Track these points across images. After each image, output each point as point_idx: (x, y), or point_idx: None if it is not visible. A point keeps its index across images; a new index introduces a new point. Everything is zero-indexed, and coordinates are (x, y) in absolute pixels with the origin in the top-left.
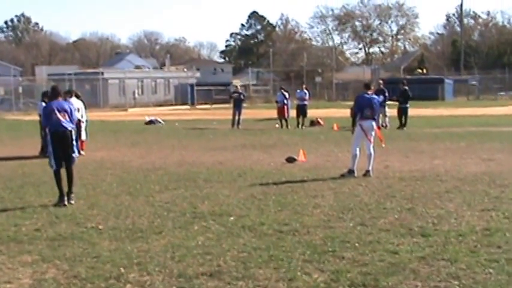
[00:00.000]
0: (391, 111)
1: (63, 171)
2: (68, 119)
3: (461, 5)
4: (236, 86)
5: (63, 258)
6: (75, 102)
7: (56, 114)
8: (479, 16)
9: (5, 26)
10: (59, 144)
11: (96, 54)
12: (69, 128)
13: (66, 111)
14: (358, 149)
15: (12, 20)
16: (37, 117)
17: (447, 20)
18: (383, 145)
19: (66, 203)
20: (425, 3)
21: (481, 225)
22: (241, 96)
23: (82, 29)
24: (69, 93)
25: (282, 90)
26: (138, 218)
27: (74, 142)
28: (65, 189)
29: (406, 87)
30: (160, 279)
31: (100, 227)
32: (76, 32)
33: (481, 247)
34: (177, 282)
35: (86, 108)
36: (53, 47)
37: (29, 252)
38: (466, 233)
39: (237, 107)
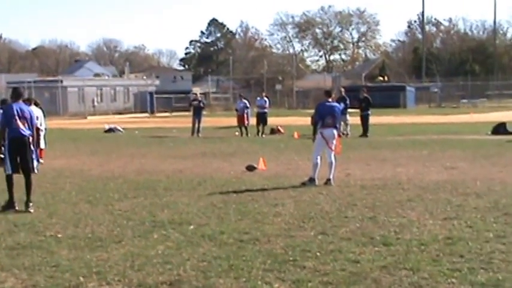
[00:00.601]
0: (353, 119)
1: (16, 177)
2: (27, 126)
3: (423, 12)
4: (196, 94)
5: (21, 267)
6: (34, 110)
7: (16, 120)
8: (441, 23)
9: None
10: (16, 151)
11: (55, 61)
12: (28, 135)
13: (26, 118)
14: (319, 157)
15: None
16: None
17: (409, 27)
18: (338, 155)
19: (17, 208)
20: (386, 10)
21: (443, 234)
22: (201, 104)
23: (41, 37)
24: (28, 101)
25: (242, 98)
26: (97, 226)
27: (33, 149)
28: (24, 197)
29: (366, 95)
30: None
31: (59, 235)
32: (35, 40)
33: (443, 256)
34: None
35: (45, 116)
36: (12, 54)
37: None
38: (428, 242)
39: (197, 114)
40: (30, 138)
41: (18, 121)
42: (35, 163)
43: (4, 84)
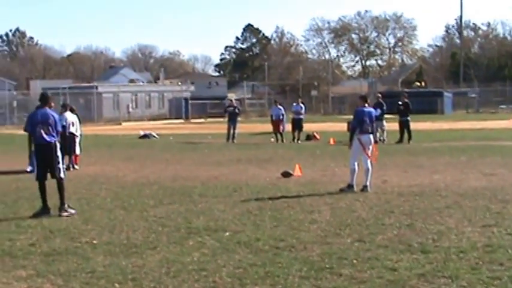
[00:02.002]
0: (389, 125)
1: (47, 183)
2: (50, 132)
3: (461, 16)
4: (231, 100)
5: (57, 273)
6: (70, 117)
7: (39, 127)
8: (479, 28)
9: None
10: (42, 157)
11: (90, 68)
12: (52, 141)
13: (49, 125)
14: (356, 164)
15: (7, 34)
16: None
17: (446, 31)
18: (374, 162)
19: (51, 213)
20: (423, 15)
21: (482, 241)
22: (236, 110)
23: (76, 43)
24: (64, 108)
25: (277, 104)
26: (132, 233)
27: (59, 154)
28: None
29: (407, 100)
30: None
31: (94, 241)
32: (70, 46)
33: (482, 264)
34: None
35: (80, 122)
36: (47, 61)
37: (24, 267)
38: (467, 250)
39: (232, 121)
40: (57, 144)
41: (41, 129)
42: (61, 168)
43: (40, 90)
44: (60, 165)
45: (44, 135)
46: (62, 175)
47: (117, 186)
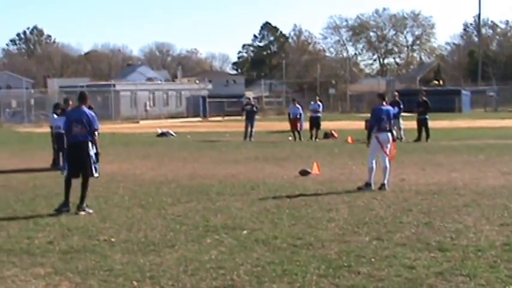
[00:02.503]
0: (407, 123)
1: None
2: (84, 131)
3: (479, 14)
4: (249, 98)
5: (75, 271)
6: None
7: (73, 126)
8: (497, 25)
9: (17, 38)
10: (74, 155)
11: (107, 66)
12: (85, 140)
13: (83, 123)
14: (374, 162)
15: (24, 32)
16: (48, 129)
17: (464, 30)
18: (391, 161)
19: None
20: (441, 13)
21: (500, 240)
22: (254, 109)
23: (94, 41)
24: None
25: (295, 103)
26: (150, 231)
27: (92, 154)
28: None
29: (425, 98)
30: None
31: (112, 239)
32: (88, 44)
33: (500, 262)
34: None
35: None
36: (64, 59)
37: (42, 264)
38: (485, 248)
39: (250, 119)
40: (89, 143)
41: (75, 128)
42: (93, 168)
43: (57, 88)
44: (93, 165)
45: (77, 134)
46: (95, 174)
47: (134, 185)
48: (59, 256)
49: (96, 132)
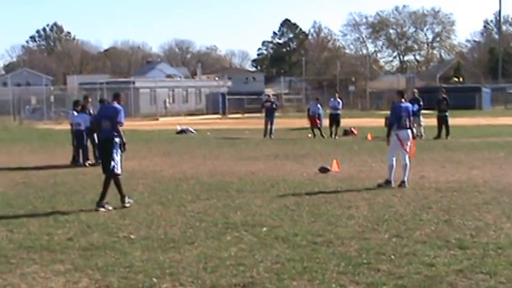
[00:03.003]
0: (427, 120)
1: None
2: (109, 128)
3: (500, 11)
4: (268, 95)
5: (95, 268)
6: None
7: (102, 122)
8: None
9: (37, 35)
10: (102, 150)
11: (127, 63)
12: (110, 137)
13: (110, 118)
14: (394, 159)
15: (44, 29)
16: (68, 126)
17: (485, 27)
18: (412, 158)
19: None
20: (462, 10)
21: None
22: (274, 106)
23: (113, 38)
24: (101, 103)
25: (318, 102)
26: (170, 227)
27: (116, 149)
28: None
29: (445, 95)
30: None
31: (132, 236)
32: (107, 41)
33: None
34: None
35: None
36: (84, 56)
37: (62, 261)
38: (505, 246)
39: (269, 116)
40: (117, 139)
41: (103, 123)
42: (114, 165)
43: (77, 85)
44: (115, 162)
45: (104, 130)
46: (116, 171)
47: (154, 181)
48: (78, 253)
49: (119, 126)
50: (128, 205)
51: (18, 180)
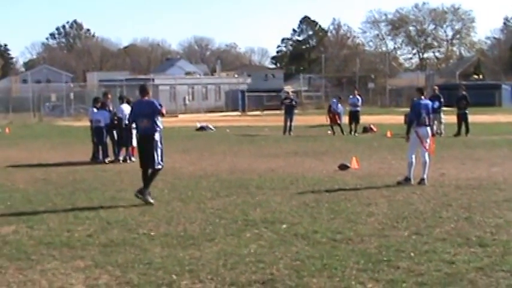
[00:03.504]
0: (446, 117)
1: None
2: (149, 124)
3: None
4: (288, 92)
5: (115, 264)
6: (127, 109)
7: (138, 120)
8: None
9: (57, 32)
10: (141, 147)
11: (146, 60)
12: (150, 133)
13: (147, 116)
14: (413, 156)
15: (64, 27)
16: (88, 123)
17: (505, 24)
18: (431, 155)
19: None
20: (482, 7)
21: None
22: (293, 103)
23: (133, 35)
24: (121, 100)
25: (340, 101)
26: (189, 224)
27: (158, 145)
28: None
29: (465, 93)
30: (212, 287)
31: (152, 233)
32: (127, 38)
33: None
34: None
35: None
36: (104, 53)
37: (82, 257)
38: None
39: (289, 113)
40: (156, 135)
41: (140, 121)
42: (157, 159)
43: (96, 82)
44: (159, 157)
45: (143, 127)
46: (158, 166)
47: (174, 178)
48: (98, 249)
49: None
50: (140, 197)
51: (38, 176)
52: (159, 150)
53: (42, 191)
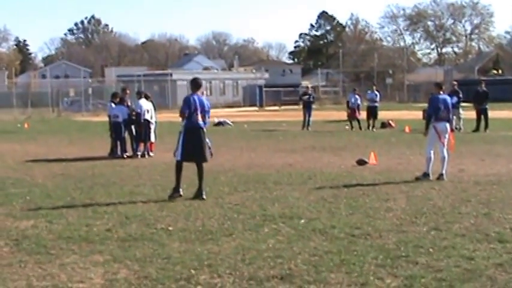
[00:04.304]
0: (465, 113)
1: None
2: (202, 118)
3: None
4: (307, 87)
5: (133, 259)
6: (145, 104)
7: (196, 113)
8: None
9: (75, 27)
10: (191, 140)
11: (164, 55)
12: (204, 127)
13: (204, 111)
14: (432, 152)
15: (82, 22)
16: (106, 118)
17: None
18: (451, 151)
19: (181, 193)
20: (501, 1)
21: None
22: (311, 98)
23: (151, 30)
24: (139, 95)
25: (355, 93)
26: (207, 219)
27: (208, 140)
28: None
29: (485, 88)
30: (231, 282)
31: (170, 228)
32: (145, 33)
33: None
34: (247, 285)
35: (155, 109)
36: (122, 48)
37: (100, 252)
38: None
39: (307, 108)
40: (205, 130)
41: (199, 115)
42: (209, 152)
43: (114, 77)
44: (208, 150)
45: (199, 122)
46: (209, 158)
47: (192, 173)
48: (117, 244)
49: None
50: (205, 197)
51: (56, 171)
52: (208, 144)
53: (60, 186)
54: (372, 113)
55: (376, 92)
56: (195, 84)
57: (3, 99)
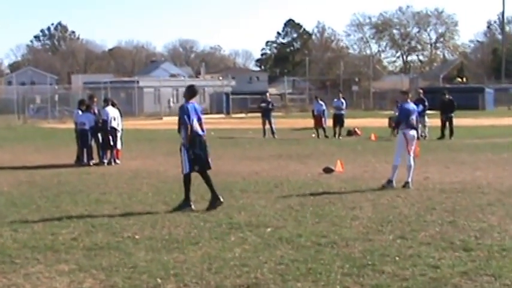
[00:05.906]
0: (430, 121)
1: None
2: (201, 126)
3: (503, 12)
4: (266, 95)
5: (99, 268)
6: (111, 111)
7: (195, 122)
8: None
9: (41, 34)
10: (195, 149)
11: (131, 62)
12: (203, 134)
13: (200, 119)
14: (399, 159)
15: (48, 29)
16: (73, 126)
17: (488, 27)
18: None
19: (193, 207)
20: (465, 10)
21: None
22: (270, 106)
23: (118, 37)
24: (105, 102)
25: (318, 100)
26: (174, 228)
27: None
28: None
29: (451, 97)
30: None
31: (136, 236)
32: (112, 40)
33: None
34: None
35: (121, 116)
36: (88, 55)
37: (66, 261)
38: (510, 248)
39: (266, 116)
40: (204, 137)
41: (197, 124)
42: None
43: (81, 84)
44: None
45: (199, 129)
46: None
47: (158, 181)
48: (83, 253)
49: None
50: (220, 206)
51: (22, 179)
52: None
53: (26, 194)
54: (338, 120)
55: (342, 100)
56: (191, 91)
57: None
